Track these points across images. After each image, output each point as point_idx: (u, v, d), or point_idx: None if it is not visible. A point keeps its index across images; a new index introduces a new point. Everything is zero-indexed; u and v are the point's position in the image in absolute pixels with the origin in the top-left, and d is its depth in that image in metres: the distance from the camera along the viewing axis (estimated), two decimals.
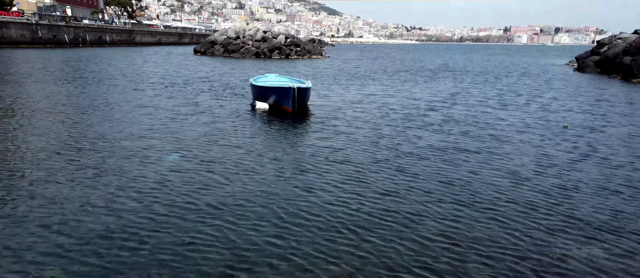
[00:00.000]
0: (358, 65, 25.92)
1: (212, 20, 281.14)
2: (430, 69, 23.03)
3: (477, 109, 9.55)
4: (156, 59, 27.82)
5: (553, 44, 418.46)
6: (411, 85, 14.61)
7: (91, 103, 9.35)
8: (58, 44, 37.51)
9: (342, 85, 13.96)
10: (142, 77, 15.12)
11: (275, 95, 8.45)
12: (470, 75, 19.50)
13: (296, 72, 19.16)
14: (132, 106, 9.03)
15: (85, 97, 10.14)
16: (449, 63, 30.66)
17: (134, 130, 6.78)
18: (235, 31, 32.79)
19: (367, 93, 12.15)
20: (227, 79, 15.26)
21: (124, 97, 10.29)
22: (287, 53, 31.12)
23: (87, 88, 11.90)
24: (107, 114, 8.14)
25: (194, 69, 19.59)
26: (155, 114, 8.23)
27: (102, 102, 9.55)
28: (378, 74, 18.82)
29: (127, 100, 9.80)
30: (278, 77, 11.12)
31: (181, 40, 66.31)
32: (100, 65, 19.98)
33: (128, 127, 6.96)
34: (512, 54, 58.79)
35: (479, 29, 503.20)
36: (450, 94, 12.28)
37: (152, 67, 20.33)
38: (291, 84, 8.42)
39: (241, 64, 23.40)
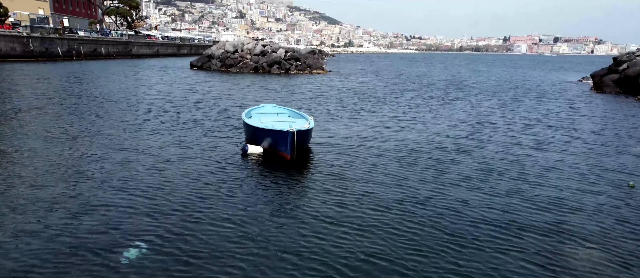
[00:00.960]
0: (362, 81, 24.64)
1: (212, 29, 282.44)
2: (440, 88, 21.73)
3: (512, 151, 8.15)
4: (150, 75, 26.55)
5: (552, 53, 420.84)
6: (425, 111, 13.26)
7: (59, 146, 7.94)
8: (51, 57, 36.30)
9: (347, 111, 12.60)
10: (130, 102, 13.76)
11: (270, 138, 7.07)
12: (485, 95, 18.18)
13: (297, 91, 17.84)
14: (109, 150, 7.63)
15: (54, 134, 8.74)
16: (456, 78, 29.41)
17: (100, 195, 5.38)
18: (234, 45, 31.61)
19: (377, 124, 10.78)
20: (222, 104, 13.90)
21: (103, 135, 8.89)
22: (287, 67, 29.90)
23: (61, 119, 10.51)
24: (74, 164, 6.74)
25: (189, 89, 18.27)
26: (133, 163, 6.83)
27: (74, 143, 8.15)
28: (386, 94, 17.50)
29: (105, 141, 8.40)
30: (275, 108, 9.71)
31: (180, 52, 65.31)
32: (87, 85, 18.65)
33: (91, 191, 5.55)
34: (516, 65, 57.64)
35: (478, 39, 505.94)
36: (473, 125, 10.90)
37: (144, 86, 19.01)
38: (289, 126, 6.96)
39: (239, 82, 22.10)
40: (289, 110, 9.47)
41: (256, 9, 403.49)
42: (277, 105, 9.89)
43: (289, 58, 30.83)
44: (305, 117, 8.54)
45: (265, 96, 16.04)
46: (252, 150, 7.26)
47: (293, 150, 6.76)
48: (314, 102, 14.80)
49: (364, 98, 16.30)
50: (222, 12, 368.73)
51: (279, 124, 7.73)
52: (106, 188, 5.56)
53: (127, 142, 8.18)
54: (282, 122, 7.93)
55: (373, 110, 13.07)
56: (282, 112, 9.34)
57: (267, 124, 7.68)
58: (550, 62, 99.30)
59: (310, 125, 7.46)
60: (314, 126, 7.64)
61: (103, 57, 43.30)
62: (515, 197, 5.55)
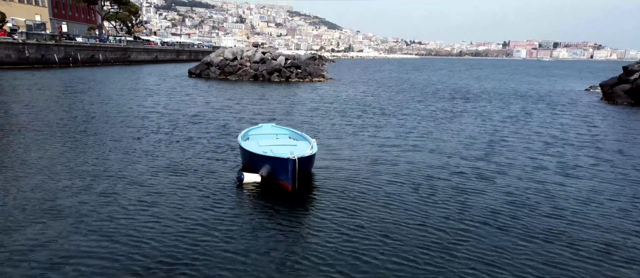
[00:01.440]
0: (365, 90, 23.97)
1: (213, 34, 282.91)
2: (446, 98, 21.04)
3: (537, 177, 7.42)
4: (148, 82, 25.86)
5: (552, 58, 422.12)
6: (433, 125, 12.55)
7: (36, 174, 7.20)
8: (47, 63, 35.64)
9: (352, 126, 11.89)
10: (123, 117, 13.03)
11: (269, 166, 6.32)
12: (493, 106, 17.49)
13: (299, 102, 17.13)
14: (92, 179, 6.89)
15: (32, 157, 8.00)
16: (461, 86, 28.76)
17: (74, 242, 4.63)
18: (233, 52, 30.97)
19: (385, 142, 10.07)
20: (220, 119, 13.19)
21: (88, 159, 8.16)
22: (287, 75, 29.24)
23: (42, 139, 9.77)
24: (49, 197, 5.99)
25: (186, 100, 17.57)
26: (118, 195, 6.09)
27: (53, 169, 7.41)
28: (391, 106, 16.80)
29: (89, 166, 7.67)
30: (274, 128, 8.92)
31: (179, 57, 64.74)
32: (78, 95, 17.94)
33: (64, 237, 4.81)
34: (520, 73, 57.06)
35: (478, 43, 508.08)
36: (487, 144, 10.18)
37: (139, 97, 18.31)
38: (290, 152, 6.16)
39: (238, 91, 21.41)
40: (290, 130, 8.70)
41: (256, 14, 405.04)
42: (276, 125, 9.10)
43: (289, 65, 30.19)
44: (308, 138, 7.79)
45: (265, 108, 15.34)
46: (249, 179, 6.52)
47: (294, 180, 6.03)
48: (316, 114, 14.09)
49: (368, 110, 15.59)
50: (222, 17, 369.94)
51: (278, 148, 6.98)
52: (83, 231, 4.82)
53: (115, 166, 7.45)
54: (282, 146, 7.18)
55: (379, 125, 12.36)
56: (282, 133, 8.57)
57: (265, 149, 6.91)
58: (551, 68, 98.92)
59: (313, 149, 6.72)
60: (317, 150, 6.90)
61: (101, 64, 42.69)
62: (556, 242, 4.81)
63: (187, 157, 8.21)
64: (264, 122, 10.77)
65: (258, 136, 8.28)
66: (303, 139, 7.92)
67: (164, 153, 8.47)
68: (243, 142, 7.37)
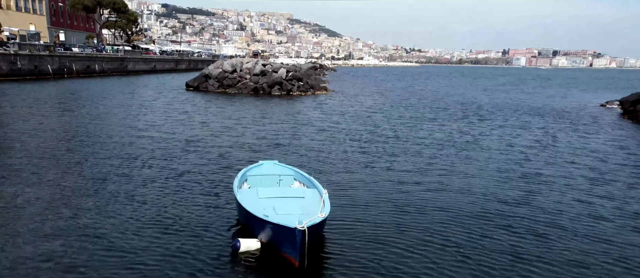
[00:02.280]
0: (371, 105, 22.73)
1: (213, 42, 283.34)
2: (458, 115, 19.80)
3: (600, 233, 6.11)
4: (143, 96, 24.65)
5: (551, 67, 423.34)
6: (453, 153, 11.27)
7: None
8: (40, 75, 34.49)
9: (364, 155, 10.63)
10: (112, 143, 11.76)
11: (271, 232, 5.01)
12: (512, 126, 16.22)
13: (303, 122, 15.88)
14: (54, 240, 5.58)
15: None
16: (469, 99, 27.54)
17: None
18: (232, 64, 29.82)
19: (404, 177, 8.79)
20: (219, 144, 11.91)
21: (55, 205, 6.87)
22: (288, 88, 28.05)
23: (8, 176, 8.48)
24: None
25: (183, 120, 16.32)
26: (88, 268, 4.78)
27: (5, 221, 6.10)
28: (402, 126, 15.53)
29: (54, 221, 6.37)
30: (276, 166, 7.47)
31: (178, 67, 63.70)
32: (66, 114, 16.70)
33: None
34: (524, 82, 55.88)
35: (477, 51, 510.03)
36: (521, 178, 8.88)
37: (132, 116, 17.07)
38: (298, 221, 4.69)
39: (238, 108, 20.16)
40: (295, 171, 7.31)
41: (257, 21, 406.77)
42: (279, 163, 7.71)
43: (290, 78, 29.04)
44: (317, 186, 6.42)
45: (267, 130, 14.07)
46: (246, 247, 5.19)
47: (303, 256, 4.72)
48: (323, 139, 12.82)
49: (378, 131, 14.33)
50: (223, 24, 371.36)
51: (283, 205, 5.59)
52: None
53: (88, 218, 6.14)
54: (287, 199, 5.82)
55: (393, 153, 11.09)
56: (287, 175, 7.18)
57: (266, 207, 5.50)
58: (554, 77, 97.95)
59: (326, 209, 5.39)
60: (330, 208, 5.55)
61: (97, 74, 41.56)
62: None
63: (178, 205, 6.91)
64: (266, 158, 9.48)
65: (257, 180, 6.95)
66: (312, 186, 6.58)
67: (151, 200, 7.16)
68: (239, 192, 6.00)
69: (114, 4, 66.53)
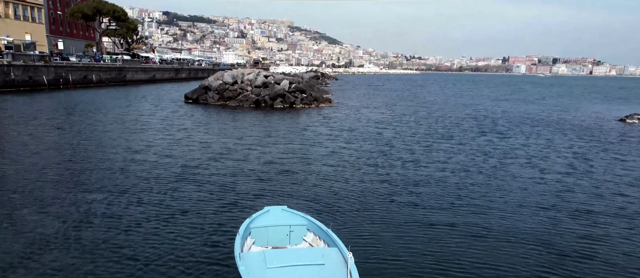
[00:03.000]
0: (380, 120, 21.52)
1: (214, 49, 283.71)
2: (474, 130, 18.57)
3: None
4: (140, 109, 23.48)
5: (551, 74, 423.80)
6: (481, 181, 10.03)
7: None
8: (35, 86, 33.40)
9: (385, 185, 9.39)
10: (100, 169, 10.54)
11: None
12: (536, 144, 14.99)
13: (310, 141, 14.65)
14: None
15: None
16: (481, 111, 26.32)
17: None
18: (233, 75, 28.70)
19: (434, 218, 7.55)
20: (220, 172, 10.69)
21: (30, 264, 5.62)
22: (291, 101, 26.89)
23: None
24: None
25: (180, 140, 15.11)
26: None
27: None
28: (418, 146, 14.30)
29: None
30: (286, 214, 6.04)
31: (178, 76, 62.68)
32: (51, 134, 15.49)
33: None
34: (532, 92, 54.72)
35: (477, 59, 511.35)
36: (572, 220, 7.63)
37: (125, 136, 15.88)
38: None
39: (239, 124, 18.96)
40: (309, 221, 5.90)
41: (257, 29, 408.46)
42: (288, 209, 6.35)
43: (293, 90, 27.89)
44: (337, 242, 5.07)
45: (272, 154, 12.83)
46: None
47: None
48: (333, 161, 11.59)
49: (393, 154, 13.09)
50: (223, 32, 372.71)
51: (297, 274, 4.34)
52: None
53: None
54: (303, 267, 4.54)
55: (415, 182, 9.85)
56: (298, 225, 5.83)
57: None
58: (560, 84, 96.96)
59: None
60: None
61: (94, 85, 40.48)
62: None
63: (167, 262, 5.65)
64: (272, 191, 8.24)
65: (263, 234, 5.67)
66: (331, 243, 5.25)
67: (135, 252, 5.91)
68: (242, 260, 4.69)
69: (113, 12, 65.82)
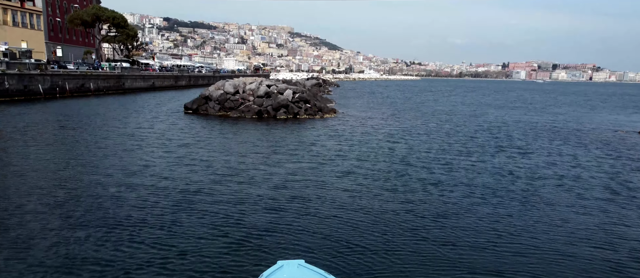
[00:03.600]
0: (390, 133, 20.46)
1: (214, 55, 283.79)
2: (491, 146, 17.52)
3: None
4: (138, 120, 22.44)
5: (551, 80, 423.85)
6: (521, 222, 8.94)
7: None
8: (30, 95, 32.39)
9: (410, 217, 8.31)
10: (88, 197, 9.46)
11: None
12: (561, 161, 13.91)
13: (319, 160, 13.58)
14: None
15: None
16: (491, 120, 25.28)
17: None
18: (234, 85, 27.70)
19: (467, 261, 6.46)
20: (224, 199, 9.61)
21: None
22: (295, 112, 25.85)
23: None
24: None
25: (179, 158, 14.04)
26: None
27: None
28: (434, 164, 13.23)
29: None
30: (303, 271, 5.02)
31: (177, 83, 61.75)
32: (39, 151, 14.42)
33: None
34: (534, 98, 53.70)
35: (477, 65, 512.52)
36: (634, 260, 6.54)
37: (120, 152, 14.82)
38: None
39: (243, 136, 17.89)
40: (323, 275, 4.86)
41: (258, 35, 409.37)
42: (305, 264, 5.16)
43: (297, 100, 26.87)
44: None
45: (282, 174, 11.75)
46: None
47: None
48: (348, 183, 10.51)
49: (411, 174, 12.01)
50: (224, 38, 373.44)
51: None
52: None
53: None
54: None
55: (444, 214, 8.75)
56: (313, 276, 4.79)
57: None
58: (565, 90, 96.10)
59: None
60: None
61: (92, 93, 39.47)
62: None
63: None
64: (285, 258, 6.98)
65: None
66: None
67: None
68: None
69: (113, 19, 65.10)
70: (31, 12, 60.38)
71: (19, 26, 58.05)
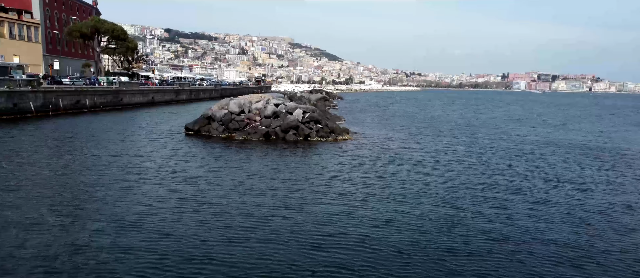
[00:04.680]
0: (414, 159, 18.32)
1: (215, 66, 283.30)
2: (535, 176, 15.38)
3: None
4: (134, 146, 20.31)
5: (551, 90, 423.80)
6: None
7: None
8: (20, 113, 30.30)
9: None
10: (66, 271, 7.28)
11: None
12: (628, 201, 11.80)
13: (340, 194, 11.39)
14: None
15: None
16: (511, 136, 23.14)
17: None
18: (239, 104, 25.64)
19: None
20: (240, 260, 7.41)
21: None
22: (306, 133, 23.75)
23: None
24: None
25: (182, 198, 11.86)
26: None
27: None
28: (483, 206, 11.09)
29: None
30: None
31: (178, 98, 59.80)
32: (20, 188, 12.24)
33: None
34: (545, 113, 51.68)
35: (477, 75, 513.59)
36: None
37: (113, 190, 12.65)
38: None
39: (253, 164, 15.73)
40: None
41: (258, 46, 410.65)
42: None
43: (307, 120, 24.79)
44: None
45: (306, 226, 9.56)
46: None
47: None
48: (386, 235, 8.32)
49: (459, 219, 9.82)
50: (224, 49, 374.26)
51: None
52: None
53: None
54: None
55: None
56: None
57: None
58: (573, 102, 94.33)
59: None
60: None
61: (87, 110, 37.41)
62: None
63: None
64: None
65: None
66: None
67: None
68: None
69: (112, 32, 63.59)
70: (29, 25, 58.84)
71: (15, 39, 56.44)
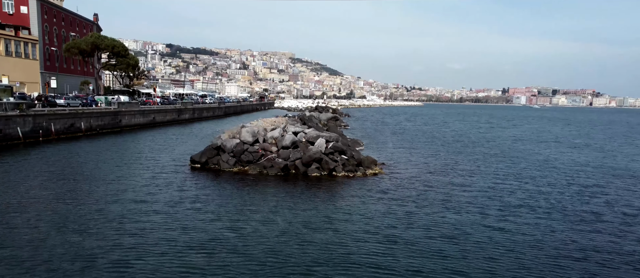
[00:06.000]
0: (460, 198, 15.22)
1: (216, 80, 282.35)
2: (593, 220, 12.25)
3: None
4: (131, 185, 17.23)
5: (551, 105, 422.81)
6: None
7: None
8: (5, 141, 27.31)
9: None
10: None
11: None
12: None
13: (390, 258, 8.28)
14: None
15: None
16: (558, 167, 20.04)
17: None
18: (252, 132, 22.66)
19: None
20: None
21: None
22: (330, 167, 20.71)
23: None
24: None
25: (187, 258, 8.70)
26: None
27: None
28: (559, 259, 8.00)
29: None
30: None
31: (180, 117, 56.96)
32: None
33: None
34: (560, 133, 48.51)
35: (477, 90, 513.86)
36: None
37: (101, 265, 9.54)
38: None
39: (276, 210, 12.57)
40: None
41: (259, 61, 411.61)
42: None
43: (331, 151, 21.79)
44: None
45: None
46: None
47: None
48: None
49: None
50: (226, 64, 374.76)
51: None
52: None
53: None
54: None
55: None
56: None
57: None
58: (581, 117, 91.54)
59: None
60: None
61: (82, 134, 34.44)
62: None
63: None
64: None
65: None
66: None
67: None
68: None
69: (113, 48, 61.22)
70: (26, 41, 56.57)
71: (12, 56, 54.10)
